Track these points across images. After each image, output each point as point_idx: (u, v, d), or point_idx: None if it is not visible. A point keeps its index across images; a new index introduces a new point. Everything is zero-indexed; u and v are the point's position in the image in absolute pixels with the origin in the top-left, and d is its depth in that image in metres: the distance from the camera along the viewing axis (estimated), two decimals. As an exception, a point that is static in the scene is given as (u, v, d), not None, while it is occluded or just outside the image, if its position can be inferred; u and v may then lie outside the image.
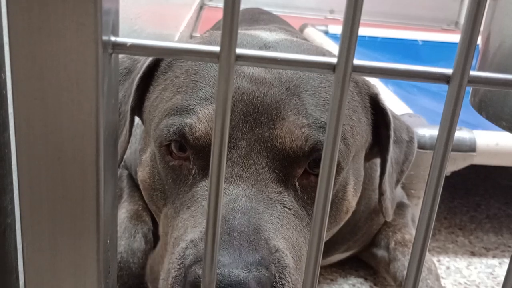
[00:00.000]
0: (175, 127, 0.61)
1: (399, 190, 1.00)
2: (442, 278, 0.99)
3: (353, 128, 0.66)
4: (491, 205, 1.32)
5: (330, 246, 0.86)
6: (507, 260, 1.08)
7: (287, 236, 0.58)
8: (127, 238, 0.82)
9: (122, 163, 0.95)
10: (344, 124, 0.64)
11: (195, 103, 0.61)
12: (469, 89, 0.36)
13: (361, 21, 0.30)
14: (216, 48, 0.31)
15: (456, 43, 0.32)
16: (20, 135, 0.32)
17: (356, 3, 0.29)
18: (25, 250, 0.35)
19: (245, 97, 0.61)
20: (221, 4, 3.14)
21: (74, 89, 0.31)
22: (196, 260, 0.52)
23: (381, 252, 0.94)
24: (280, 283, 0.54)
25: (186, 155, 0.61)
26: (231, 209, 0.56)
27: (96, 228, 0.34)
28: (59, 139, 0.32)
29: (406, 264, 0.88)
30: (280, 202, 0.59)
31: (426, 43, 2.24)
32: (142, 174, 0.69)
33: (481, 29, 0.33)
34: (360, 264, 1.01)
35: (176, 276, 0.53)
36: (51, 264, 0.35)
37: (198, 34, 2.35)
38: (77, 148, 0.32)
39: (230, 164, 0.59)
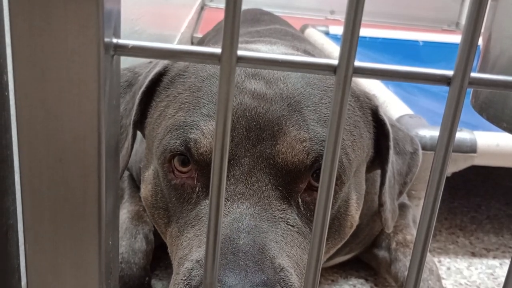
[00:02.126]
0: (180, 140, 0.61)
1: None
2: (443, 278, 0.99)
3: (354, 144, 0.66)
4: (491, 206, 1.32)
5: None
6: (507, 261, 1.08)
7: (291, 254, 0.58)
8: (128, 238, 0.82)
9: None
10: (345, 140, 0.65)
11: (198, 119, 0.61)
12: (470, 90, 0.36)
13: (362, 22, 0.30)
14: (217, 50, 0.31)
15: (457, 44, 0.32)
16: (22, 137, 0.32)
17: (357, 6, 0.29)
18: (27, 251, 0.35)
19: (247, 114, 0.61)
20: (222, 5, 3.15)
21: (75, 91, 0.31)
22: (202, 283, 0.51)
23: (382, 253, 0.94)
24: None
25: (189, 173, 0.61)
26: (235, 229, 0.56)
27: (97, 229, 0.35)
28: (61, 141, 0.32)
29: (408, 264, 0.88)
30: (283, 219, 0.59)
31: (427, 43, 2.24)
32: (144, 192, 0.69)
33: (482, 30, 0.33)
34: (361, 264, 1.01)
35: None
36: (53, 265, 0.36)
37: (199, 35, 2.35)
38: (78, 150, 0.33)
39: (234, 182, 0.59)
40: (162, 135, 0.64)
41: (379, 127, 0.73)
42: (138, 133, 0.87)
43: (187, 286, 0.53)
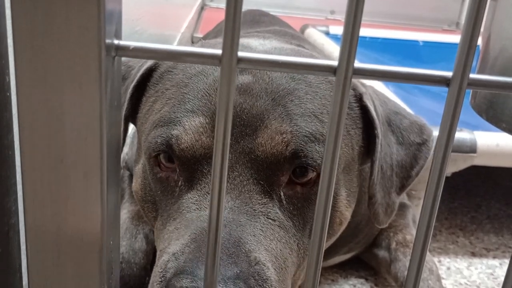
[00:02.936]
0: (162, 138, 0.61)
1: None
2: (443, 278, 0.99)
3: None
4: (491, 205, 1.33)
5: (331, 249, 0.86)
6: (507, 261, 1.08)
7: (270, 248, 0.57)
8: (129, 238, 0.82)
9: (124, 163, 0.96)
10: None
11: (181, 115, 0.62)
12: (469, 90, 0.37)
13: (362, 22, 0.30)
14: (218, 51, 0.31)
15: (456, 44, 0.32)
16: (24, 137, 0.33)
17: (357, 7, 0.29)
18: (29, 251, 0.35)
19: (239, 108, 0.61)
20: (222, 5, 3.15)
21: (77, 92, 0.31)
22: (176, 273, 0.52)
23: (382, 253, 0.94)
24: None
25: (174, 167, 0.62)
26: None
27: (99, 229, 0.35)
28: (63, 141, 0.33)
29: (407, 264, 0.88)
30: (264, 213, 0.59)
31: (427, 43, 2.24)
32: (135, 186, 0.69)
33: (481, 30, 0.33)
34: (361, 264, 1.01)
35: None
36: (54, 264, 0.36)
37: (199, 35, 2.35)
38: (80, 150, 0.33)
39: None
40: (148, 130, 0.64)
41: (367, 115, 0.70)
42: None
43: (162, 278, 0.53)
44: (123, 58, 0.35)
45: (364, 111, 0.70)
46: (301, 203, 0.62)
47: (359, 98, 0.70)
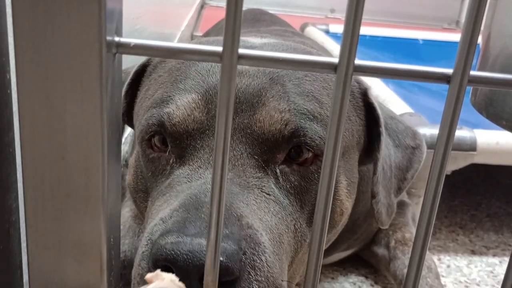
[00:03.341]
0: (155, 118, 0.61)
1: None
2: (443, 276, 0.99)
3: None
4: (491, 204, 1.33)
5: (330, 246, 0.86)
6: (507, 259, 1.08)
7: (264, 219, 0.55)
8: (131, 237, 0.82)
9: (124, 162, 0.96)
10: (329, 117, 0.62)
11: (174, 94, 0.61)
12: (469, 88, 0.37)
13: (362, 20, 0.30)
14: (219, 48, 0.31)
15: (457, 42, 0.32)
16: (25, 135, 0.33)
17: (358, 4, 0.29)
18: (29, 248, 0.35)
19: None
20: (222, 3, 3.15)
21: (78, 89, 0.31)
22: (162, 234, 0.50)
23: (381, 251, 0.94)
24: (251, 259, 0.50)
25: (167, 148, 0.61)
26: (203, 189, 0.54)
27: (99, 226, 0.35)
28: (63, 138, 0.33)
29: (406, 262, 0.88)
30: (258, 186, 0.57)
31: (427, 42, 2.24)
32: (128, 178, 0.69)
33: (482, 28, 0.33)
34: (360, 262, 1.01)
35: (143, 252, 0.52)
36: (55, 261, 0.36)
37: (199, 33, 2.35)
38: (81, 147, 0.33)
39: (208, 151, 0.58)
40: (142, 115, 0.64)
41: (370, 113, 0.70)
42: None
43: (149, 241, 0.52)
44: (130, 60, 0.35)
45: (368, 108, 0.70)
46: (298, 181, 0.60)
47: (363, 93, 0.70)
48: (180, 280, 0.45)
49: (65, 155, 0.33)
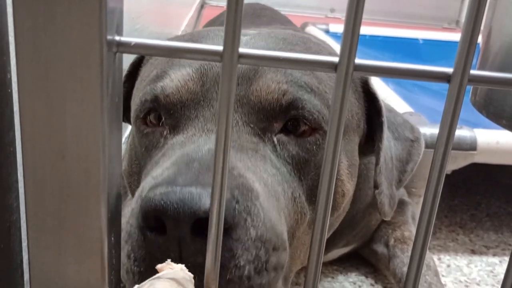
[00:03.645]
0: (149, 94, 0.60)
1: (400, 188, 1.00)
2: (443, 276, 0.99)
3: None
4: (491, 203, 1.33)
5: (329, 242, 0.86)
6: (507, 258, 1.08)
7: (259, 174, 0.53)
8: None
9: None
10: (327, 92, 0.62)
11: (168, 70, 0.61)
12: (469, 87, 0.37)
13: (362, 20, 0.30)
14: (219, 48, 0.31)
15: (457, 42, 0.32)
16: (25, 134, 0.33)
17: (358, 4, 0.29)
18: (30, 247, 0.35)
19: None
20: (222, 3, 3.15)
21: (78, 88, 0.32)
22: (151, 188, 0.47)
23: (381, 249, 0.95)
24: (245, 205, 0.48)
25: (160, 123, 0.61)
26: (196, 150, 0.53)
27: (100, 225, 0.35)
28: (64, 138, 0.33)
29: (405, 261, 0.88)
30: (253, 149, 0.56)
31: (427, 42, 2.24)
32: (123, 164, 0.68)
33: (482, 28, 0.33)
34: (360, 261, 1.01)
35: (132, 209, 0.50)
36: (55, 261, 0.36)
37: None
38: (81, 147, 0.33)
39: (203, 120, 0.57)
40: (138, 96, 0.64)
41: (371, 102, 0.70)
42: None
43: (138, 198, 0.49)
44: (131, 59, 0.35)
45: (368, 97, 0.70)
46: (296, 151, 0.59)
47: (364, 81, 0.70)
48: (171, 230, 0.44)
49: (65, 154, 0.33)
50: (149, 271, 0.44)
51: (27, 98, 0.32)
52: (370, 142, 0.72)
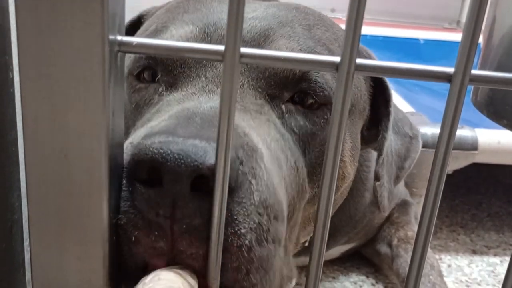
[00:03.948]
0: None
1: (402, 189, 1.00)
2: (444, 276, 0.99)
3: None
4: (492, 203, 1.33)
5: (330, 238, 0.86)
6: (508, 258, 1.08)
7: (263, 137, 0.49)
8: None
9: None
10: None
11: (169, 25, 0.58)
12: (470, 87, 0.37)
13: (363, 20, 0.31)
14: (221, 47, 0.31)
15: (457, 42, 0.32)
16: (28, 133, 0.33)
17: (359, 4, 0.29)
18: (32, 246, 0.35)
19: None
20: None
21: (81, 87, 0.32)
22: (146, 136, 0.41)
23: (384, 249, 0.95)
24: (250, 167, 0.43)
25: (157, 79, 0.56)
26: (197, 105, 0.48)
27: (102, 224, 0.35)
28: (66, 137, 0.33)
29: (409, 260, 0.88)
30: (257, 111, 0.52)
31: (428, 42, 2.24)
32: None
33: (483, 28, 0.33)
34: (361, 261, 1.01)
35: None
36: (57, 259, 0.36)
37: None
38: (84, 146, 0.33)
39: (205, 80, 0.53)
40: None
41: (377, 90, 0.67)
42: None
43: (129, 145, 0.43)
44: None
45: (374, 84, 0.68)
46: (303, 121, 0.56)
47: (367, 57, 0.69)
48: (168, 184, 0.38)
49: (68, 154, 0.33)
50: (132, 228, 0.39)
51: (29, 97, 0.32)
52: (371, 130, 0.70)
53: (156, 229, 0.39)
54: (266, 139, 0.50)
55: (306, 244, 0.65)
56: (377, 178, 0.68)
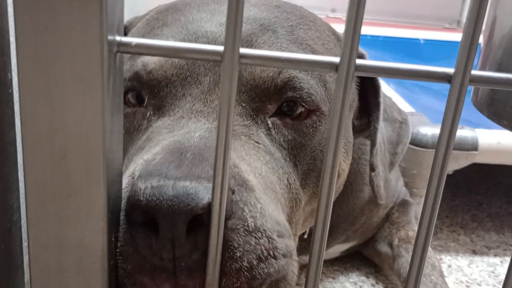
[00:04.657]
0: (127, 71, 0.55)
1: (402, 188, 1.00)
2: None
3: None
4: (492, 203, 1.33)
5: (328, 235, 0.86)
6: (508, 259, 1.08)
7: (254, 165, 0.50)
8: None
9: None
10: None
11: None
12: (470, 87, 0.37)
13: (363, 20, 0.30)
14: (220, 48, 0.31)
15: (458, 42, 0.32)
16: (26, 134, 0.33)
17: (359, 4, 0.29)
18: (31, 247, 0.35)
19: (209, 34, 0.55)
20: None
21: (79, 88, 0.32)
22: (142, 175, 0.42)
23: (385, 249, 0.95)
24: (241, 195, 0.44)
25: (142, 104, 0.56)
26: (187, 137, 0.48)
27: (101, 225, 0.35)
28: (65, 138, 0.33)
29: (411, 260, 0.88)
30: (245, 134, 0.52)
31: (428, 42, 2.24)
32: None
33: (483, 28, 0.33)
34: (361, 261, 1.01)
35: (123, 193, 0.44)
36: (56, 261, 0.36)
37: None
38: (82, 147, 0.33)
39: (191, 100, 0.53)
40: None
41: (365, 80, 0.67)
42: None
43: (130, 183, 0.45)
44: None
45: (362, 78, 0.67)
46: (292, 135, 0.56)
47: (361, 56, 0.67)
48: (164, 229, 0.39)
49: (66, 155, 0.33)
50: (137, 270, 0.41)
51: (28, 98, 0.32)
52: (362, 120, 0.70)
53: (160, 270, 0.41)
54: (257, 167, 0.50)
55: (305, 236, 0.65)
56: (372, 168, 0.68)
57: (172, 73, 0.54)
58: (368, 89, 0.68)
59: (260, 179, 0.49)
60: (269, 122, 0.55)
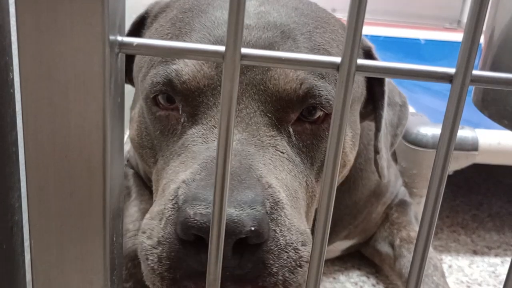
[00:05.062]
0: (160, 76, 0.58)
1: (401, 189, 1.00)
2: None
3: None
4: (493, 203, 1.33)
5: (331, 231, 0.86)
6: (509, 259, 1.08)
7: (280, 177, 0.55)
8: None
9: (127, 162, 0.95)
10: (334, 75, 0.62)
11: None
12: (471, 88, 0.37)
13: (364, 20, 0.30)
14: (222, 48, 0.31)
15: (458, 42, 0.32)
16: (28, 134, 0.33)
17: (360, 4, 0.29)
18: (32, 247, 0.35)
19: None
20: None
21: (81, 88, 0.32)
22: (188, 199, 0.49)
23: (385, 249, 0.95)
24: (274, 217, 0.51)
25: (174, 106, 0.59)
26: None
27: (102, 225, 0.35)
28: (67, 138, 0.33)
29: (412, 261, 0.88)
30: (272, 145, 0.57)
31: (429, 42, 2.24)
32: (131, 132, 0.67)
33: (484, 28, 0.33)
34: (362, 262, 1.01)
35: (169, 216, 0.50)
36: (58, 260, 0.36)
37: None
38: (84, 146, 0.33)
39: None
40: (146, 69, 0.62)
41: None
42: None
43: (175, 205, 0.51)
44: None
45: None
46: (310, 139, 0.60)
47: (367, 51, 0.72)
48: None
49: (68, 154, 0.33)
50: (183, 278, 0.49)
51: (29, 98, 0.32)
52: (368, 106, 0.74)
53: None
54: (283, 178, 0.56)
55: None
56: (376, 151, 0.73)
57: (204, 83, 0.57)
58: (373, 78, 0.72)
59: (287, 191, 0.55)
60: (290, 130, 0.59)
